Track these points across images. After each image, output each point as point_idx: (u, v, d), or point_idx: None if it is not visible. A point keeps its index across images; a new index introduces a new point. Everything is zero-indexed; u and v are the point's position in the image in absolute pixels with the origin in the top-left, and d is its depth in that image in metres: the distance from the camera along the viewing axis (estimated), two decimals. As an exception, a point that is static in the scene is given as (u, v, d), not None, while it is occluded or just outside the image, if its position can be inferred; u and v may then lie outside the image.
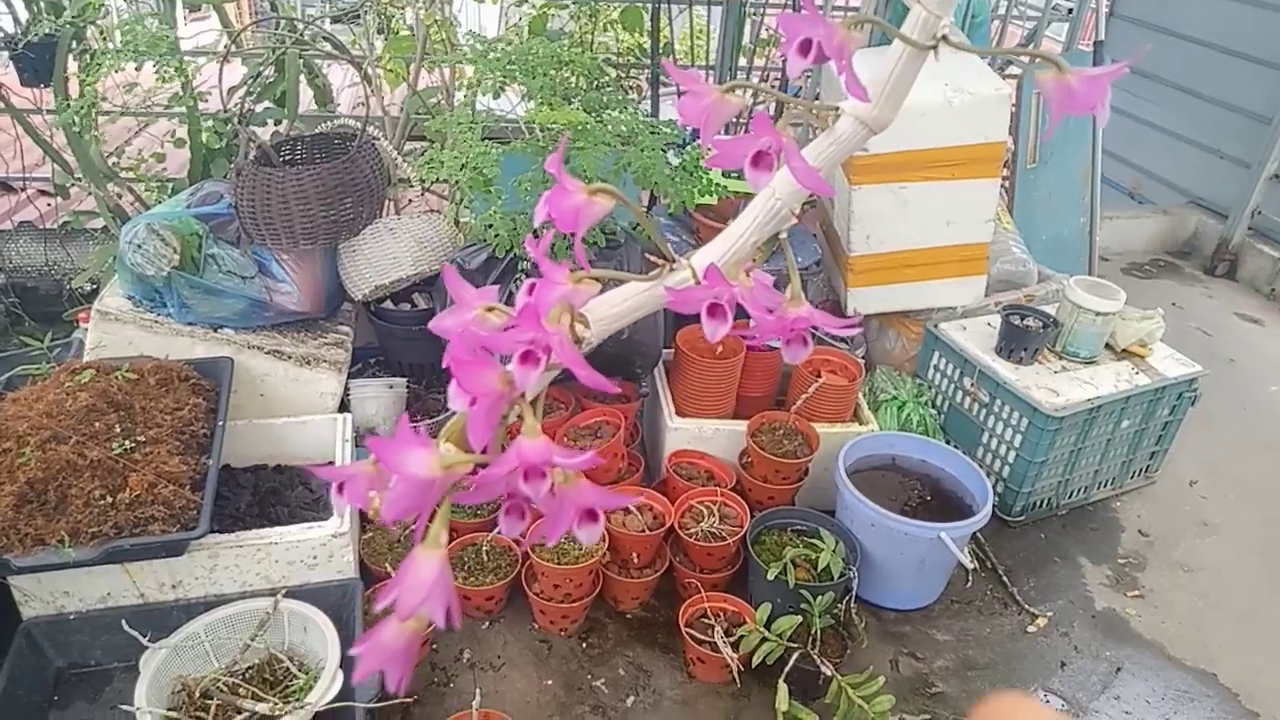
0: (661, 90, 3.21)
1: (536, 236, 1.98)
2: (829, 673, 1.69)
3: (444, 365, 0.37)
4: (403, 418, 0.37)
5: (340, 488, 0.41)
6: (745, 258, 0.40)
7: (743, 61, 3.26)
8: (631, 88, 3.10)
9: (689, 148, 2.15)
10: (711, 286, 0.37)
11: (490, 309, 0.42)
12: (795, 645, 1.73)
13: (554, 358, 0.37)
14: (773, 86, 3.24)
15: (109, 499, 1.49)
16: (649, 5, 3.01)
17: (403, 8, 2.65)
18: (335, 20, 2.85)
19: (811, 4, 0.33)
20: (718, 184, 1.95)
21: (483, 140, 1.82)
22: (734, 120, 2.90)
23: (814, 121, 0.40)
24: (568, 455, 0.37)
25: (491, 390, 0.37)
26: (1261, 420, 2.80)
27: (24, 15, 2.44)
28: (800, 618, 1.76)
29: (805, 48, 0.35)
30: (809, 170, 0.36)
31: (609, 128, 1.84)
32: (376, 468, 0.39)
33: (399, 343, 2.29)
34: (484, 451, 0.38)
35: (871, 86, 0.38)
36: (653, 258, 0.42)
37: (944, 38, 0.38)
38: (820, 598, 1.77)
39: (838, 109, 0.40)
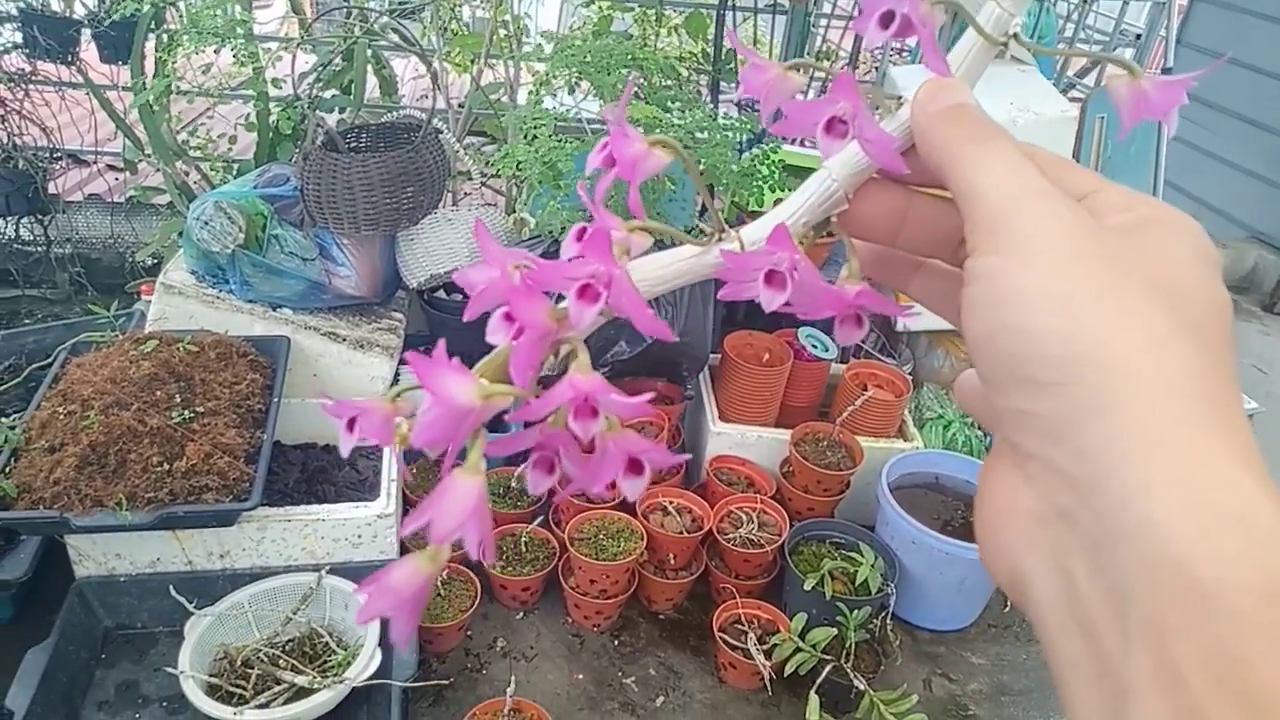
0: (720, 97, 3.22)
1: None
2: (862, 687, 1.68)
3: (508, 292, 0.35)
4: (439, 343, 0.34)
5: (352, 423, 0.37)
6: (798, 239, 0.39)
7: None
8: (694, 93, 3.11)
9: (749, 152, 2.15)
10: (771, 252, 0.36)
11: (518, 267, 0.40)
12: (829, 657, 1.73)
13: (610, 300, 0.34)
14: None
15: (166, 466, 1.52)
16: (712, 12, 3.02)
17: (462, 4, 2.69)
18: (401, 14, 2.90)
19: None
20: (783, 183, 1.94)
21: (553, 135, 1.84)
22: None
23: (879, 108, 0.39)
24: (621, 395, 0.34)
25: (541, 323, 0.35)
26: (1314, 463, 2.74)
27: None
28: (835, 630, 1.76)
29: (887, 19, 0.35)
30: (885, 140, 0.35)
31: (682, 125, 1.85)
32: (393, 403, 0.37)
33: (450, 331, 2.32)
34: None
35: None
36: (702, 225, 0.40)
37: (1015, 35, 0.38)
38: (856, 612, 1.77)
39: (900, 98, 0.39)
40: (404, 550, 1.83)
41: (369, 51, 2.43)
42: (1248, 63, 3.91)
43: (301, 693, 1.48)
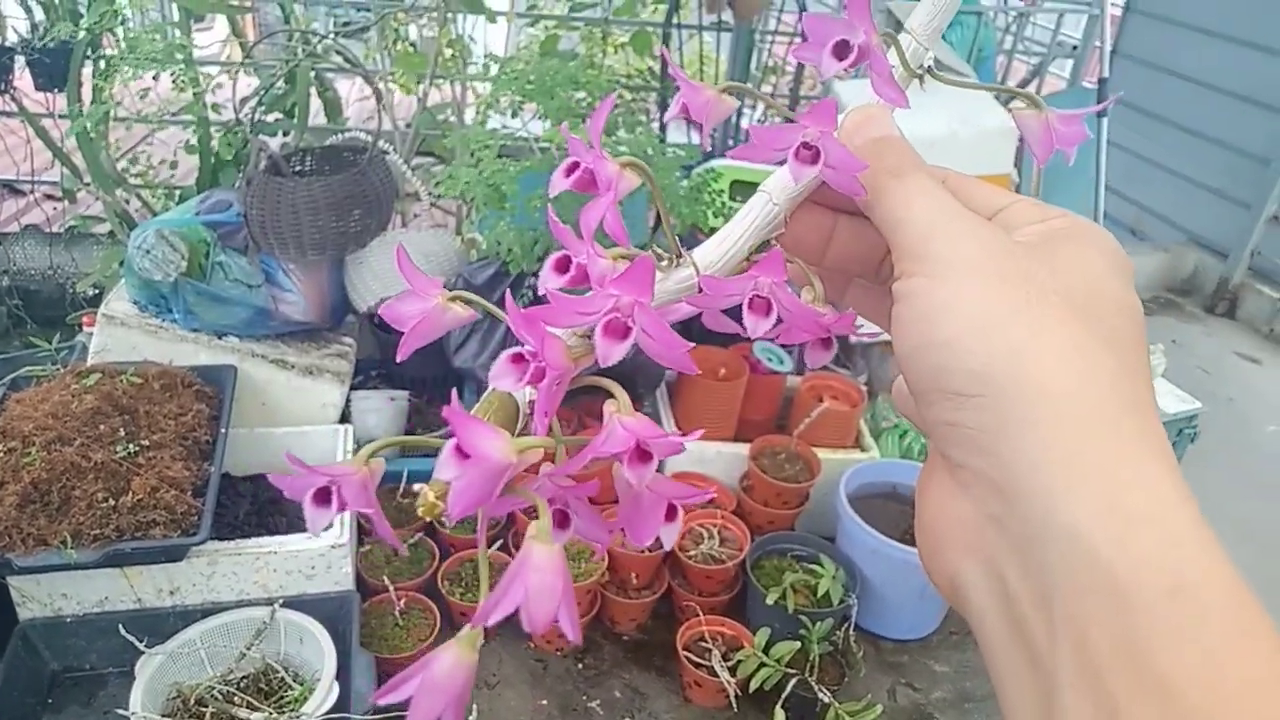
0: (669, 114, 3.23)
1: (541, 260, 1.99)
2: (826, 700, 1.68)
3: (515, 325, 0.33)
4: (453, 396, 0.32)
5: (322, 496, 0.33)
6: (740, 263, 0.39)
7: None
8: (640, 111, 3.13)
9: (696, 171, 2.16)
10: (751, 277, 0.36)
11: (453, 299, 0.38)
12: (793, 671, 1.72)
13: (639, 334, 0.33)
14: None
15: (112, 502, 1.48)
16: (659, 30, 3.04)
17: (407, 24, 2.68)
18: (344, 35, 2.88)
19: (863, 3, 0.33)
20: (729, 204, 1.96)
21: (498, 157, 1.83)
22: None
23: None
24: (667, 434, 0.33)
25: (563, 364, 0.34)
26: (1259, 460, 2.80)
27: (40, 18, 2.45)
28: (799, 644, 1.76)
29: (842, 50, 0.35)
30: (850, 164, 0.35)
31: (625, 149, 1.85)
32: (368, 465, 0.34)
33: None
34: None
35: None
36: (658, 250, 0.40)
37: (929, 69, 0.40)
38: (819, 624, 1.77)
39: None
40: (360, 582, 1.80)
41: (312, 74, 2.41)
42: (1183, 72, 4.02)
43: (257, 730, 1.45)
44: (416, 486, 0.34)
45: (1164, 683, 0.25)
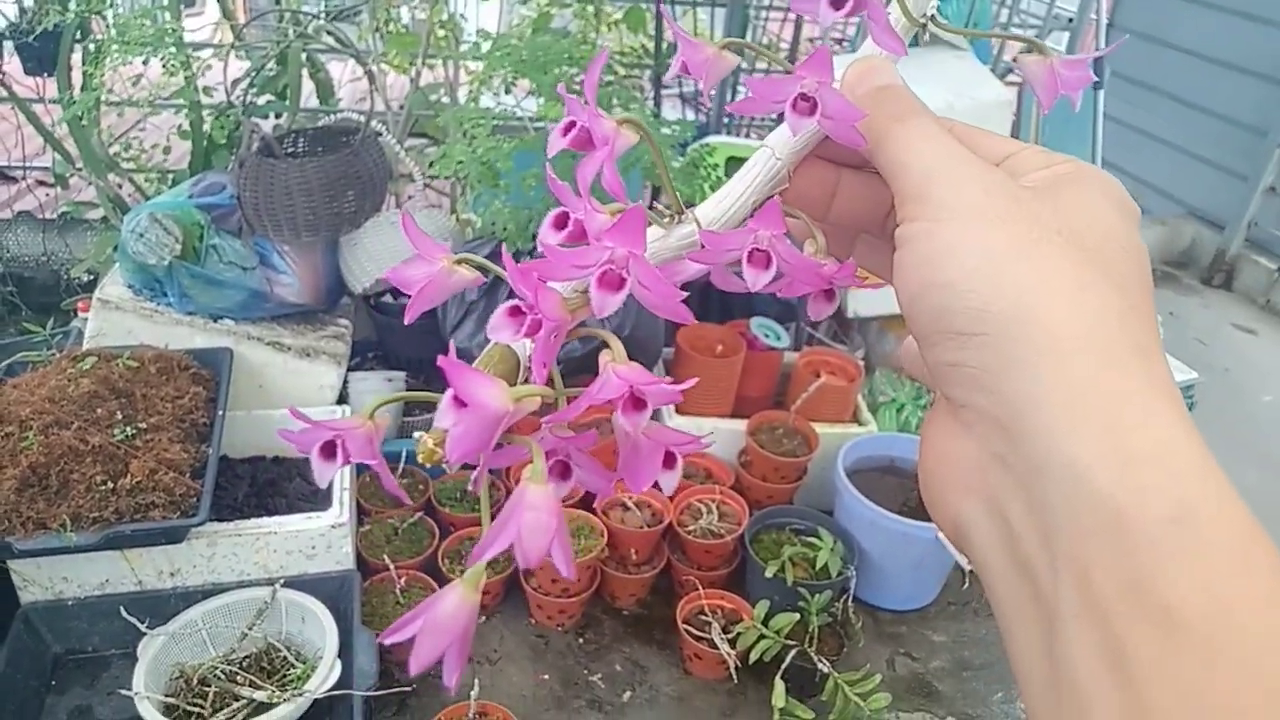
0: (663, 91, 3.22)
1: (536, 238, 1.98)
2: (826, 670, 1.69)
3: (518, 283, 0.33)
4: (450, 348, 0.32)
5: (328, 449, 0.34)
6: (744, 219, 0.39)
7: (744, 65, 3.27)
8: (635, 88, 3.11)
9: (692, 148, 2.15)
10: (751, 230, 0.36)
11: (458, 261, 0.38)
12: (792, 643, 1.73)
13: (633, 284, 0.33)
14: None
15: (110, 484, 1.49)
16: (652, 6, 3.02)
17: (399, 5, 2.66)
18: (334, 17, 2.86)
19: None
20: (724, 180, 1.95)
21: (491, 135, 1.82)
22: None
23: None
24: (661, 381, 0.34)
25: (559, 315, 0.34)
26: (1256, 430, 2.81)
27: (29, 2, 2.44)
28: (798, 615, 1.77)
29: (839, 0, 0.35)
30: (848, 114, 0.35)
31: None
32: (373, 420, 0.35)
33: (398, 336, 2.29)
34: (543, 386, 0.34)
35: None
36: (660, 207, 0.40)
37: (932, 17, 0.40)
38: (818, 596, 1.78)
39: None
40: (361, 561, 1.80)
41: (304, 55, 2.40)
42: (1179, 44, 4.00)
43: (261, 708, 1.45)
44: (416, 434, 0.34)
45: (1166, 610, 0.25)
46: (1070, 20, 4.07)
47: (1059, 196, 0.33)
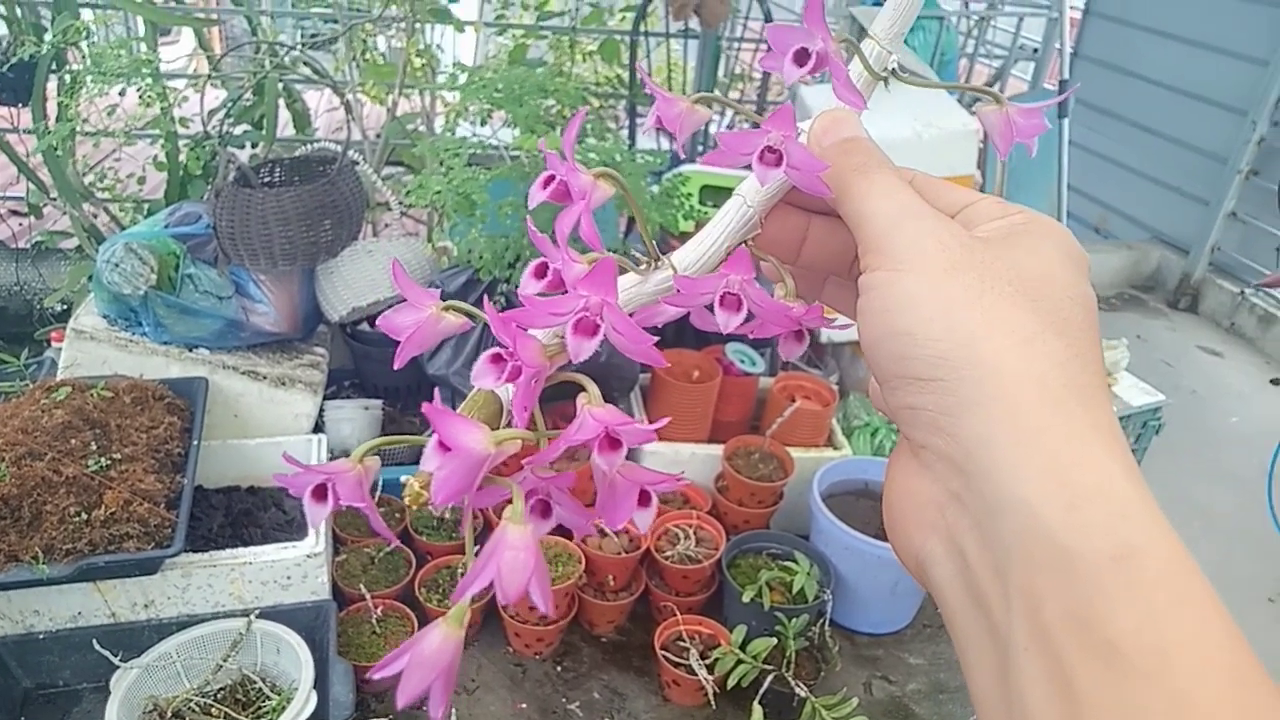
0: (638, 121, 3.26)
1: (513, 266, 2.00)
2: (803, 694, 1.70)
3: (499, 331, 0.34)
4: (436, 393, 0.34)
5: (319, 492, 0.35)
6: (718, 265, 0.41)
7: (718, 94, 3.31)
8: (609, 118, 3.15)
9: (666, 176, 2.18)
10: (722, 275, 0.38)
11: (446, 308, 0.40)
12: (770, 667, 1.74)
13: (608, 331, 0.35)
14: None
15: (84, 516, 1.48)
16: (626, 38, 3.07)
17: (375, 35, 2.68)
18: (311, 47, 2.88)
19: (817, 12, 0.35)
20: (698, 209, 1.98)
21: (467, 165, 1.84)
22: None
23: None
24: (636, 422, 0.36)
25: (538, 362, 0.36)
26: (1222, 451, 2.86)
27: (3, 32, 2.44)
28: (775, 640, 1.77)
29: (802, 57, 0.37)
30: (812, 165, 0.37)
31: (594, 155, 1.87)
32: (362, 463, 0.37)
33: (375, 365, 2.29)
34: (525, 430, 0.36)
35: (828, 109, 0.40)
36: (637, 253, 0.42)
37: (894, 72, 0.41)
38: (795, 620, 1.79)
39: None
40: (336, 591, 1.80)
41: (280, 85, 2.41)
42: (1140, 74, 4.09)
43: (235, 741, 1.44)
44: (403, 478, 0.36)
45: (1110, 644, 0.27)
46: (1035, 50, 4.16)
47: (1012, 247, 0.34)
